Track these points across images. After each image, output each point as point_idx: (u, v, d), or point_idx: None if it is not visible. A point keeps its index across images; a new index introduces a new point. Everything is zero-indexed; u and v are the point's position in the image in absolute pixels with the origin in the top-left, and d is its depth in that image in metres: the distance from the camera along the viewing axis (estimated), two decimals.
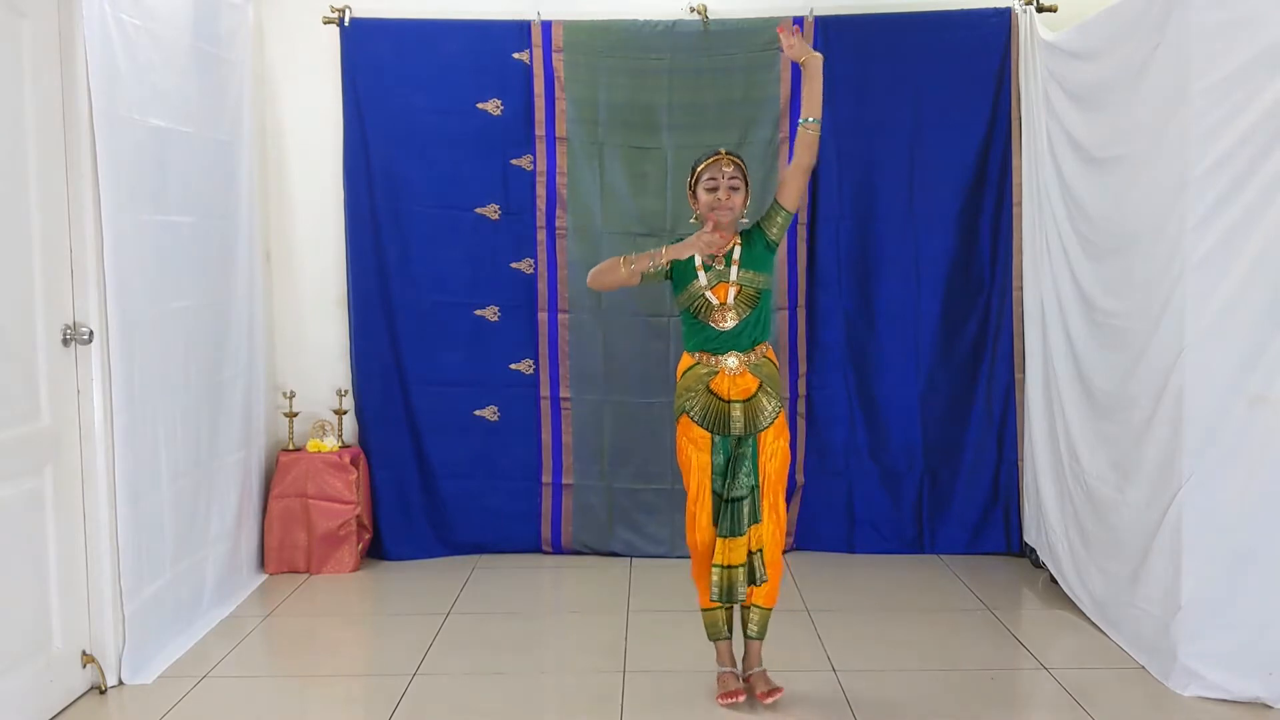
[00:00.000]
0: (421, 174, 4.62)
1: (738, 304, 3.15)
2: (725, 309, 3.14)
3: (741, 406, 3.15)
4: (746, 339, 3.18)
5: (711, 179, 3.16)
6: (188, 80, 3.88)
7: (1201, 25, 3.16)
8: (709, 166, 3.17)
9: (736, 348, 3.17)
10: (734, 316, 3.14)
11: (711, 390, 3.16)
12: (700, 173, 3.19)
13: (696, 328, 3.19)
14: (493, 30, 4.60)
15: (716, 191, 3.15)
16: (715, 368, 3.17)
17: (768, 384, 3.19)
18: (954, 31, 4.57)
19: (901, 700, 3.28)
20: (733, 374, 3.15)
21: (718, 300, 3.14)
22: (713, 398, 3.16)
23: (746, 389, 3.16)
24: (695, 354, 3.21)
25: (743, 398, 3.15)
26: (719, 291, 3.14)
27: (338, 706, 3.38)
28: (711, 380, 3.16)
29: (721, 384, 3.16)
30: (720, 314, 3.14)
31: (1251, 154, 3.10)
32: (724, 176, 3.15)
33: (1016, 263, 4.59)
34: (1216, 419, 3.20)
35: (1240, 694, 3.19)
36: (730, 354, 3.16)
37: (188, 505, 3.86)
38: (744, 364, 3.16)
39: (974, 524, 4.73)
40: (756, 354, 3.19)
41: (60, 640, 3.22)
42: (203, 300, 3.99)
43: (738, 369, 3.16)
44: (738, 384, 3.16)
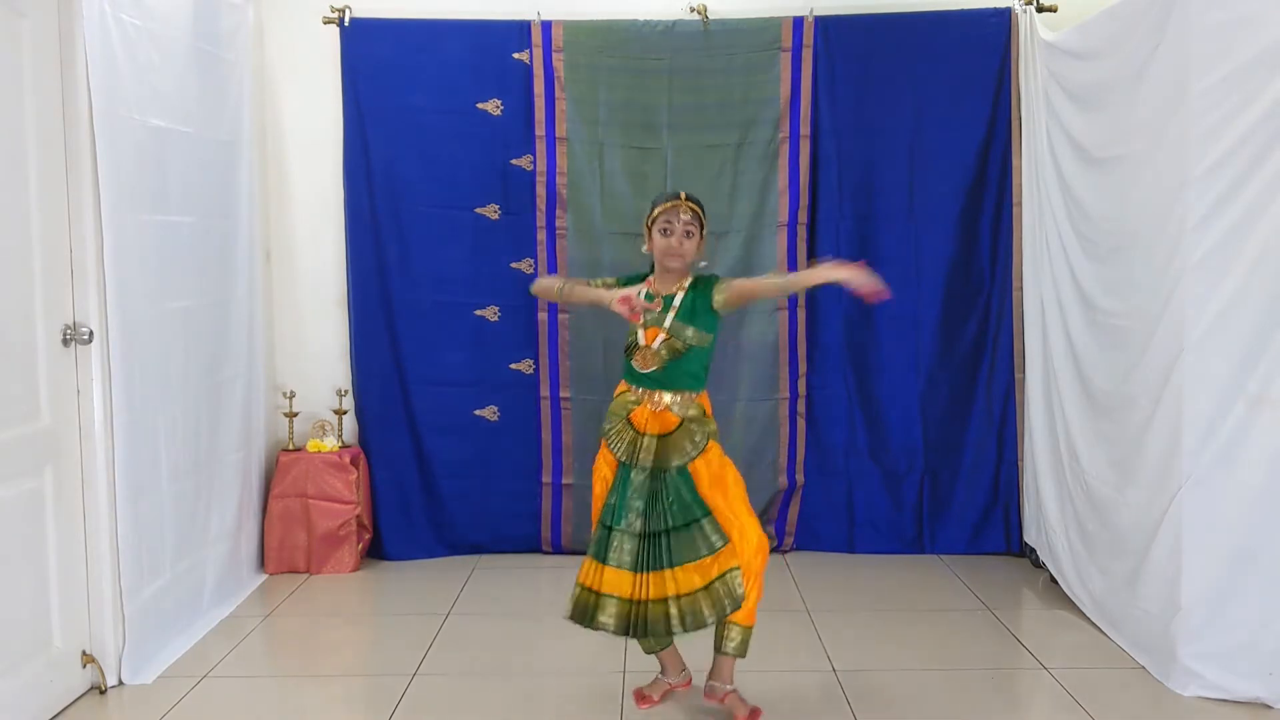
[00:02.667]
0: (421, 174, 4.62)
1: (660, 350, 3.04)
2: (647, 352, 3.05)
3: (654, 439, 3.05)
4: (669, 384, 3.07)
5: (667, 222, 3.09)
6: (188, 80, 3.88)
7: (1201, 25, 3.16)
8: (666, 210, 3.10)
9: (664, 388, 3.07)
10: (654, 361, 3.05)
11: (629, 420, 3.09)
12: (657, 215, 3.12)
13: (626, 362, 3.12)
14: (493, 30, 4.60)
15: (670, 237, 3.08)
16: (640, 399, 3.08)
17: (692, 424, 3.06)
18: (954, 31, 4.57)
19: (901, 700, 3.29)
20: (655, 408, 3.06)
21: (644, 341, 3.06)
22: (628, 426, 3.08)
23: (665, 425, 3.06)
24: (627, 384, 3.13)
25: (659, 433, 3.06)
26: (649, 334, 3.06)
27: (338, 706, 3.38)
28: (633, 410, 3.09)
29: (640, 416, 3.08)
30: (641, 356, 3.06)
31: (1251, 154, 3.10)
32: (679, 222, 3.09)
33: (1016, 263, 4.59)
34: (1216, 419, 3.20)
35: (1240, 694, 3.19)
36: (659, 391, 3.07)
37: (188, 505, 3.86)
38: (673, 403, 3.06)
39: (974, 524, 4.73)
40: (684, 397, 3.08)
41: (60, 640, 3.22)
42: (203, 300, 3.99)
43: (660, 404, 3.06)
44: (658, 418, 3.07)
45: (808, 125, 4.60)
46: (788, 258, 4.64)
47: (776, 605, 4.16)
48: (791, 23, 4.58)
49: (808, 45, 4.57)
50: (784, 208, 4.64)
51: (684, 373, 3.07)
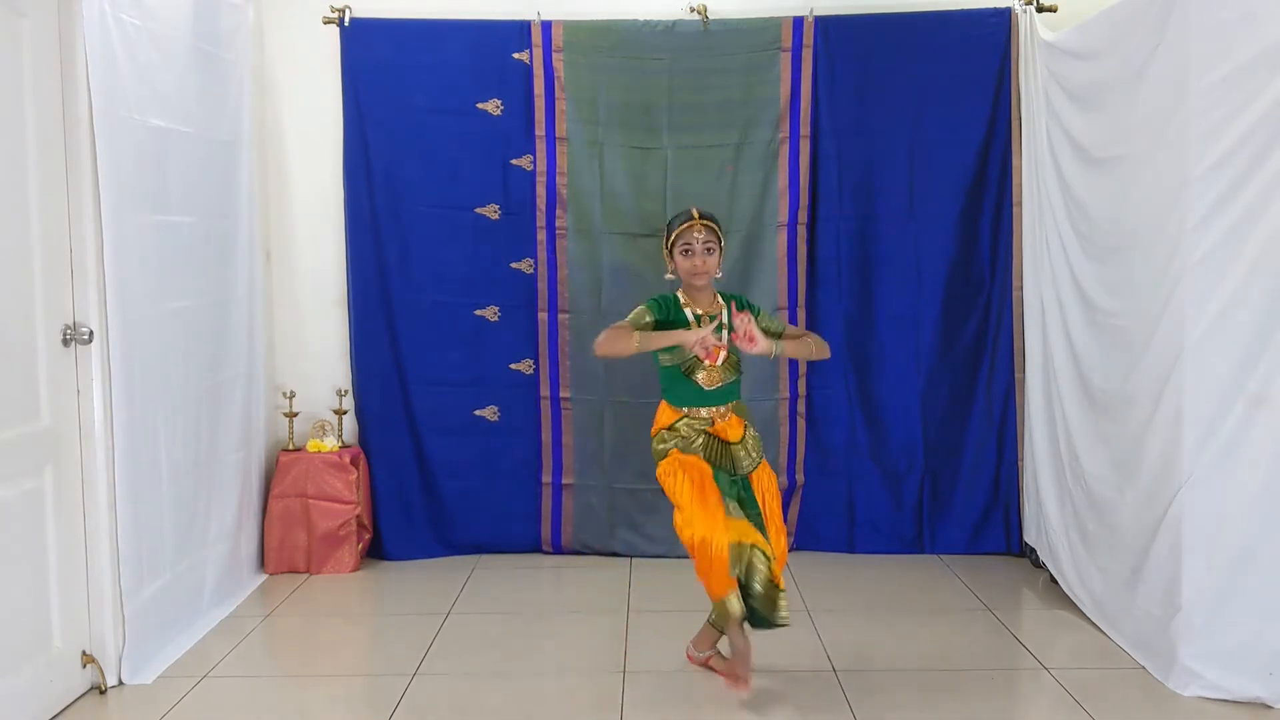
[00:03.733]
0: (421, 174, 4.62)
1: (724, 368, 3.27)
2: (714, 370, 3.25)
3: (740, 447, 3.29)
4: (728, 398, 3.30)
5: (687, 243, 3.22)
6: (188, 80, 3.88)
7: (1201, 25, 3.16)
8: (684, 231, 3.22)
9: (719, 403, 3.29)
10: (720, 379, 3.26)
11: (711, 435, 3.27)
12: (675, 238, 3.24)
13: (681, 383, 3.27)
14: (493, 30, 4.60)
15: (693, 257, 3.21)
16: (703, 418, 3.28)
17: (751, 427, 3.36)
18: (954, 31, 4.57)
19: (901, 700, 3.28)
20: (722, 419, 3.28)
21: (709, 362, 3.23)
22: (713, 440, 3.27)
23: (738, 432, 3.30)
24: (679, 408, 3.29)
25: (736, 440, 3.29)
26: (711, 354, 3.21)
27: (338, 706, 3.38)
28: (709, 427, 3.28)
29: (718, 428, 3.28)
30: (708, 375, 3.24)
31: (1251, 154, 3.10)
32: (698, 242, 3.21)
33: (1016, 263, 4.59)
34: (1216, 419, 3.20)
35: (1240, 694, 3.19)
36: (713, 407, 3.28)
37: (188, 505, 3.86)
38: (728, 410, 3.30)
39: (974, 524, 4.73)
40: (735, 405, 3.34)
41: (60, 640, 3.22)
42: (203, 300, 3.99)
43: (725, 414, 3.28)
44: (731, 428, 3.29)
45: (808, 125, 4.60)
46: (788, 258, 4.64)
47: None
48: (791, 23, 4.58)
49: (808, 45, 4.57)
50: (784, 208, 4.64)
51: (735, 387, 3.32)
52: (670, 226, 3.30)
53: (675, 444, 3.27)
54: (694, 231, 3.21)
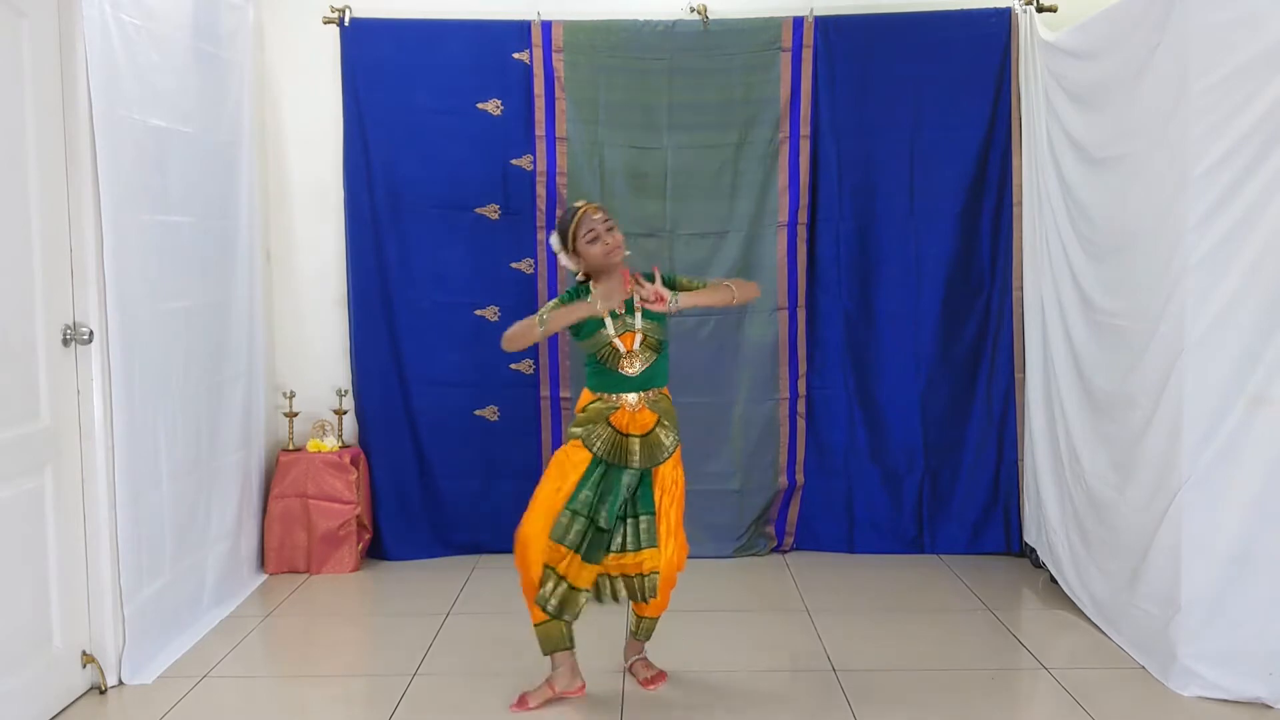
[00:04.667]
0: (421, 174, 4.62)
1: (643, 350, 3.23)
2: (632, 356, 3.23)
3: (639, 441, 3.23)
4: (651, 383, 3.27)
5: (590, 230, 3.20)
6: (188, 80, 3.88)
7: (1201, 25, 3.16)
8: (580, 221, 3.20)
9: (638, 389, 3.25)
10: (640, 363, 3.23)
11: (611, 424, 3.24)
12: (575, 230, 3.21)
13: (602, 372, 3.26)
14: (493, 30, 4.60)
15: (599, 239, 3.19)
16: (615, 404, 3.25)
17: (665, 418, 3.27)
18: (954, 31, 4.57)
19: (901, 700, 3.28)
20: (633, 410, 3.24)
21: (624, 348, 3.22)
22: (613, 431, 3.24)
23: (645, 424, 3.25)
24: (596, 393, 3.29)
25: (640, 433, 3.24)
26: (625, 340, 3.22)
27: (338, 706, 3.38)
28: (612, 415, 3.24)
29: (621, 419, 3.24)
30: (627, 361, 3.23)
31: (1251, 154, 3.10)
32: (599, 223, 3.20)
33: (1016, 263, 4.59)
34: (1216, 419, 3.20)
35: (1240, 694, 3.19)
36: (630, 392, 3.25)
37: (188, 505, 3.86)
38: (643, 400, 3.25)
39: (974, 524, 4.73)
40: (654, 393, 3.28)
41: (60, 640, 3.22)
42: (203, 300, 3.99)
43: (637, 405, 3.24)
44: (637, 420, 3.24)
45: (808, 125, 4.60)
46: (788, 257, 4.64)
47: (776, 605, 4.17)
48: (791, 23, 4.58)
49: (808, 45, 4.57)
50: (784, 208, 4.64)
51: (661, 369, 3.28)
52: (564, 227, 3.25)
53: (580, 434, 3.26)
54: (589, 215, 3.21)
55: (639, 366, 3.22)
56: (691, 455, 4.67)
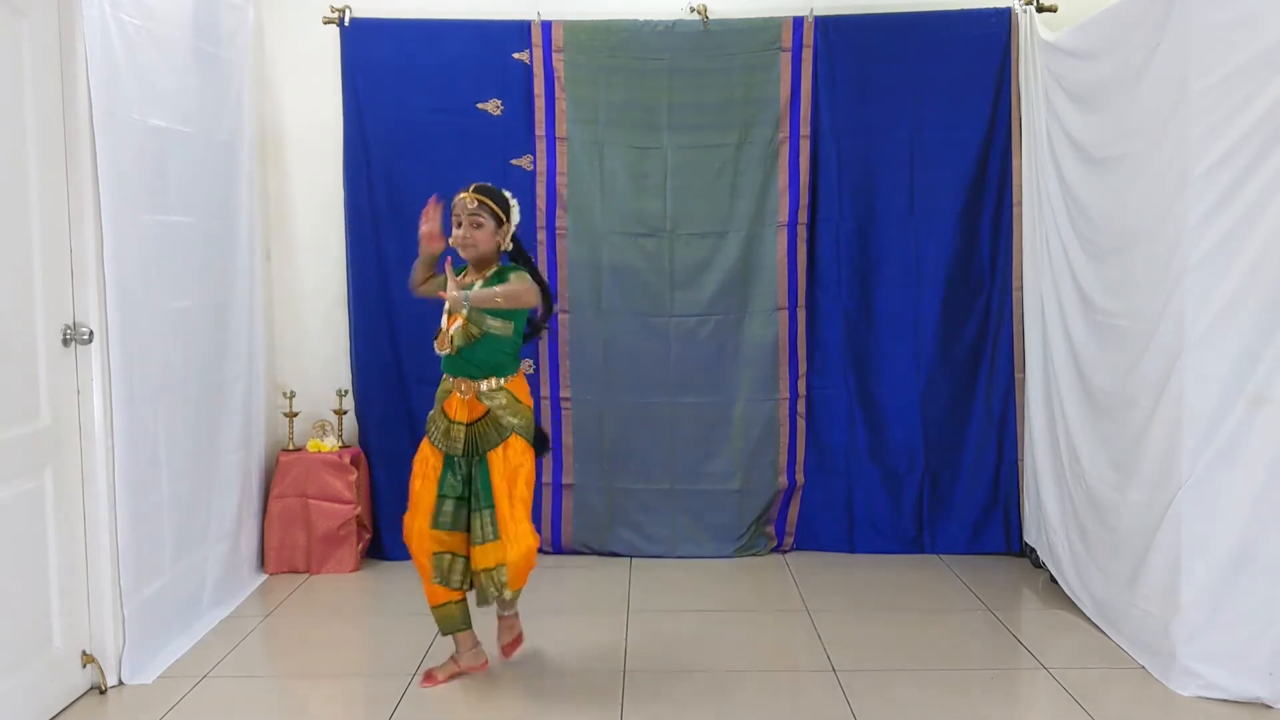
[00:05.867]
0: (421, 174, 4.61)
1: (455, 334, 3.22)
2: (444, 335, 3.26)
3: (464, 429, 3.26)
4: (474, 370, 3.27)
5: (456, 215, 3.26)
6: (188, 80, 3.88)
7: (1201, 25, 3.16)
8: (456, 201, 3.27)
9: (465, 375, 3.27)
10: (448, 346, 3.23)
11: (443, 409, 3.31)
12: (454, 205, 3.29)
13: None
14: (493, 30, 4.60)
15: (460, 229, 3.25)
16: (450, 389, 3.30)
17: (499, 411, 3.27)
18: (954, 31, 4.57)
19: (901, 700, 3.28)
20: (463, 397, 3.28)
21: (444, 325, 3.27)
22: (442, 416, 3.31)
23: (473, 413, 3.28)
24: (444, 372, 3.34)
25: (466, 421, 3.27)
26: (449, 319, 3.26)
27: (338, 706, 3.38)
28: (445, 400, 3.31)
29: (452, 404, 3.30)
30: (440, 339, 3.27)
31: (1251, 154, 3.10)
32: (465, 212, 3.24)
33: (1016, 263, 4.60)
34: (1216, 419, 3.20)
35: (1240, 694, 3.19)
36: (461, 379, 3.28)
37: (188, 505, 3.86)
38: (472, 390, 3.27)
39: (974, 524, 4.73)
40: (489, 384, 3.28)
41: (60, 640, 3.22)
42: (203, 300, 3.99)
43: (467, 393, 3.28)
44: (465, 407, 3.28)
45: (808, 125, 4.60)
46: (788, 257, 4.64)
47: (776, 605, 4.17)
48: (791, 23, 4.58)
49: (808, 45, 4.57)
50: (784, 208, 4.64)
51: (481, 360, 3.25)
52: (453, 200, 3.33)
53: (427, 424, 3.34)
54: (464, 203, 3.25)
55: (445, 348, 3.25)
56: (692, 455, 4.73)
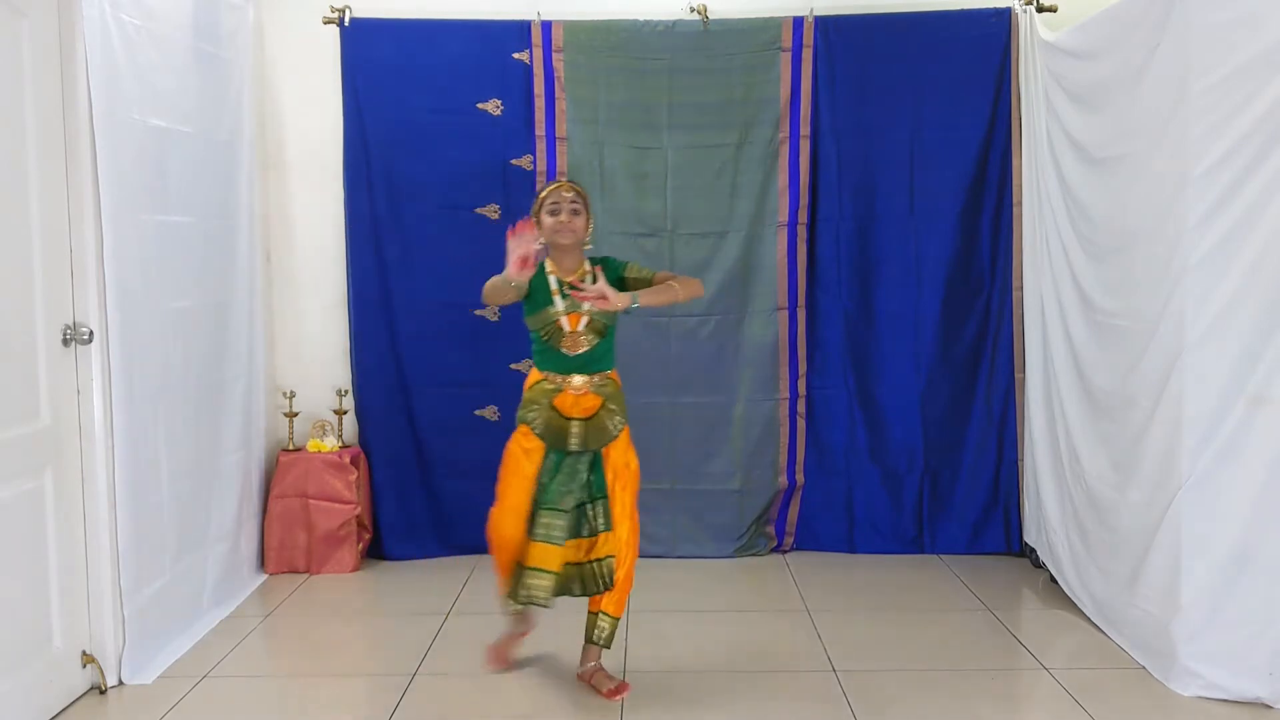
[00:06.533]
0: (421, 174, 4.62)
1: (587, 332, 3.27)
2: (576, 336, 3.27)
3: (581, 424, 3.27)
4: (594, 365, 3.30)
5: (554, 203, 3.27)
6: (188, 80, 3.88)
7: (1201, 25, 3.16)
8: (550, 193, 3.29)
9: (583, 371, 3.30)
10: (584, 344, 3.27)
11: (554, 407, 3.28)
12: (542, 200, 3.30)
13: (547, 351, 3.31)
14: (493, 30, 4.60)
15: (558, 215, 3.26)
16: (560, 385, 3.29)
17: (610, 402, 3.32)
18: (954, 31, 4.57)
19: (901, 700, 3.28)
20: (577, 393, 3.28)
21: (569, 327, 3.27)
22: (554, 414, 3.28)
23: (588, 408, 3.29)
24: (544, 372, 3.33)
25: (583, 416, 3.28)
26: (571, 320, 3.27)
27: (338, 706, 3.38)
28: (555, 397, 3.29)
29: (564, 401, 3.29)
30: (571, 340, 3.27)
31: (1251, 154, 3.10)
32: (565, 201, 3.27)
33: (1016, 263, 4.60)
34: (1216, 419, 3.20)
35: (1240, 694, 3.19)
36: (575, 374, 3.29)
37: (188, 505, 3.86)
38: (588, 384, 3.29)
39: (974, 524, 4.73)
40: (600, 377, 3.32)
41: (60, 640, 3.22)
42: (203, 300, 3.99)
43: (581, 389, 3.29)
44: (580, 403, 3.28)
45: (808, 125, 4.60)
46: (788, 258, 4.64)
47: (776, 605, 4.17)
48: (791, 23, 4.58)
49: (808, 45, 4.57)
50: (784, 208, 4.64)
51: (606, 352, 3.32)
52: (538, 193, 3.35)
53: (527, 417, 3.31)
54: (561, 191, 3.29)
55: (581, 348, 3.26)
56: (692, 455, 4.72)
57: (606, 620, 3.38)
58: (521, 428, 3.31)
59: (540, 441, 3.27)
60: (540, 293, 3.28)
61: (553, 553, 3.23)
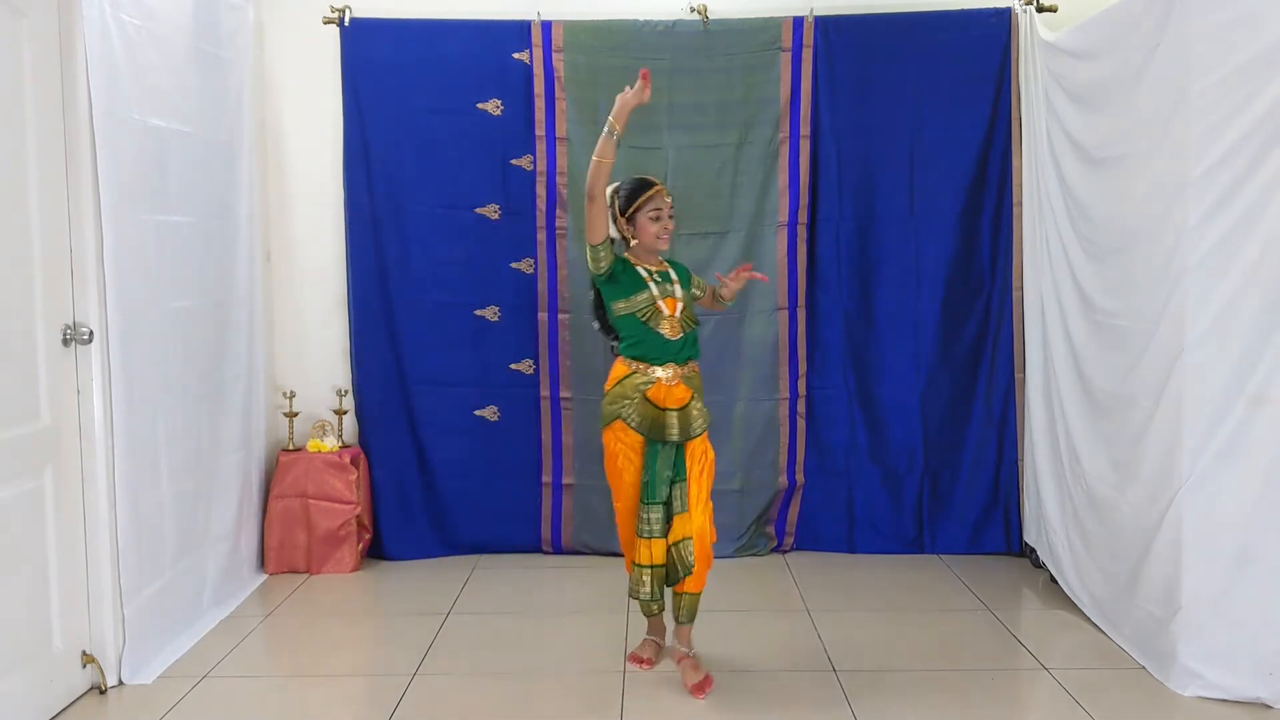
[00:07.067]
0: (421, 174, 4.62)
1: (684, 318, 3.35)
2: (673, 320, 3.34)
3: (676, 415, 3.31)
4: (684, 354, 3.36)
5: (657, 208, 3.36)
6: (188, 80, 3.88)
7: (1201, 25, 3.16)
8: (654, 197, 3.36)
9: (674, 360, 3.34)
10: (681, 329, 3.34)
11: (649, 399, 3.31)
12: (643, 203, 3.36)
13: (640, 336, 3.34)
14: (493, 30, 4.60)
15: (661, 220, 3.36)
16: (651, 377, 3.32)
17: (697, 394, 3.39)
18: (954, 31, 4.57)
19: (901, 700, 3.28)
20: (668, 384, 3.31)
21: (668, 310, 3.33)
22: (649, 405, 3.31)
23: (681, 399, 3.33)
24: (631, 364, 3.35)
25: (677, 406, 3.32)
26: (669, 303, 3.33)
27: (338, 706, 3.38)
28: (648, 389, 3.31)
29: (658, 393, 3.32)
30: (670, 324, 3.33)
31: (1251, 154, 3.10)
32: (667, 206, 3.38)
33: (1016, 263, 4.60)
34: (1216, 419, 3.20)
35: (1240, 694, 3.19)
36: (667, 365, 3.33)
37: (188, 505, 3.86)
38: (678, 375, 3.34)
39: (974, 524, 4.73)
40: (689, 366, 3.38)
41: (60, 640, 3.22)
42: (203, 300, 3.99)
43: (673, 379, 3.32)
44: (673, 394, 3.32)
45: (808, 125, 4.60)
46: (788, 258, 4.64)
47: (776, 605, 4.17)
48: (791, 23, 4.58)
49: (808, 45, 4.57)
50: (784, 208, 4.64)
51: (695, 340, 3.42)
52: (632, 193, 3.37)
53: (621, 413, 3.32)
54: (663, 196, 3.37)
55: (680, 332, 3.34)
56: None
57: (688, 597, 3.44)
58: (616, 423, 3.35)
59: (638, 435, 3.32)
60: (630, 276, 3.33)
61: (658, 546, 3.34)
